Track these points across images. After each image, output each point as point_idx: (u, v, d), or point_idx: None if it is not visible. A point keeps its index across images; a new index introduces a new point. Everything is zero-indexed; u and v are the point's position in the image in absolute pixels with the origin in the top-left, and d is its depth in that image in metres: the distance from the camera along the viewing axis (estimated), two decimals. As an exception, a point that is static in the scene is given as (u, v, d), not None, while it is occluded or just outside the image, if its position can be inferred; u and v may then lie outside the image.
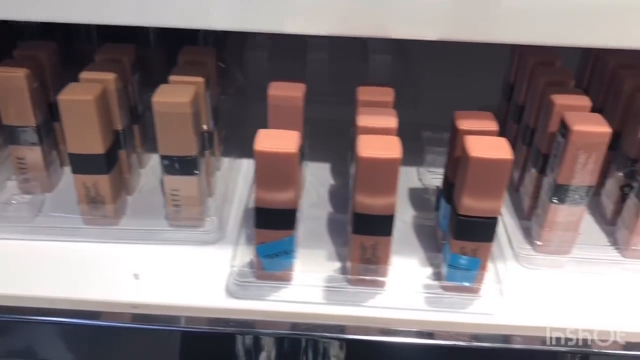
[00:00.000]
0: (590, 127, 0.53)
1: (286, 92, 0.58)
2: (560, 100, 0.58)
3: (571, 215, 0.58)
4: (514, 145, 0.69)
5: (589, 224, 0.65)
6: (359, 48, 0.89)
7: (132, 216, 0.63)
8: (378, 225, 0.52)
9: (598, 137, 0.53)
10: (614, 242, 0.62)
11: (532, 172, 0.63)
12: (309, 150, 0.71)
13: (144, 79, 0.66)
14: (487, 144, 0.49)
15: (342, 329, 0.55)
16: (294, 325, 0.54)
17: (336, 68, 0.88)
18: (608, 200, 0.65)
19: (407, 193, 0.70)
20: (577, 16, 0.47)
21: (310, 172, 0.73)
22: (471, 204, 0.50)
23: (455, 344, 0.53)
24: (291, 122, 0.58)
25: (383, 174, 0.49)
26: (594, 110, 0.64)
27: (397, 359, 0.55)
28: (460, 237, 0.52)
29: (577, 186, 0.55)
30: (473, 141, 0.50)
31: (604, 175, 0.66)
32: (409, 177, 0.72)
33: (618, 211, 0.62)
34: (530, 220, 0.63)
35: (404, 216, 0.66)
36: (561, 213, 0.57)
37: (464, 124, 0.54)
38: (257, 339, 0.54)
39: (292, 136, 0.49)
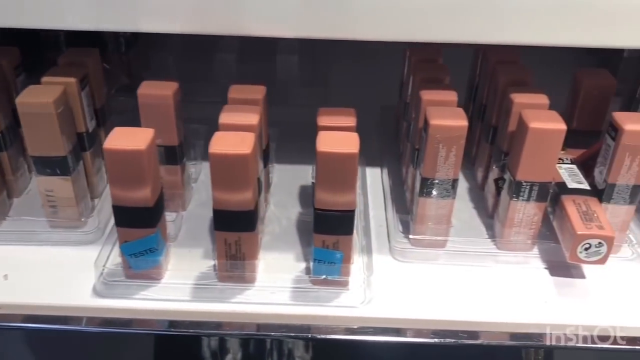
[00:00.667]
0: (448, 121, 0.54)
1: (156, 91, 0.58)
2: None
3: (440, 209, 0.59)
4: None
5: (474, 217, 0.67)
6: (270, 48, 0.90)
7: (16, 217, 0.63)
8: (241, 222, 0.53)
9: (456, 130, 0.54)
10: (492, 235, 0.63)
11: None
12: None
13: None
14: (337, 139, 0.50)
15: (214, 325, 0.55)
16: (171, 323, 0.55)
17: (244, 68, 0.88)
18: (488, 193, 0.66)
19: (298, 190, 0.71)
20: (429, 14, 0.49)
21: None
22: (325, 197, 0.51)
23: (317, 337, 0.54)
24: (163, 121, 0.59)
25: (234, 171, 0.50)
26: (480, 107, 0.66)
27: (264, 353, 0.56)
28: (319, 230, 0.53)
29: (441, 180, 0.57)
30: (324, 137, 0.50)
31: (487, 169, 0.68)
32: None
33: (496, 204, 0.64)
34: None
35: (290, 213, 0.66)
36: (429, 206, 0.59)
37: (323, 120, 0.55)
38: (124, 338, 0.55)
39: (146, 133, 0.50)
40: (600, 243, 0.54)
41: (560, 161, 0.63)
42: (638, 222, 0.65)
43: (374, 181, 0.72)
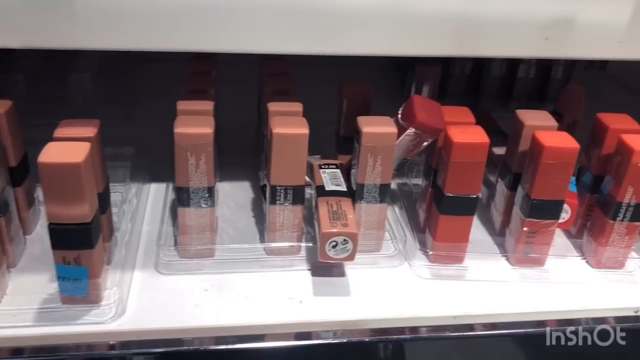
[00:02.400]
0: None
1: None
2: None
3: (201, 217, 0.59)
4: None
5: (251, 226, 0.68)
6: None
7: None
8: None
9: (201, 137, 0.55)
10: (263, 241, 0.65)
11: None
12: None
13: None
14: (64, 150, 0.49)
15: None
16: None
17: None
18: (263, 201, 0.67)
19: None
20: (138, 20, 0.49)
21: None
22: (55, 211, 0.49)
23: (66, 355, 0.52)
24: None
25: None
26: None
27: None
28: (56, 246, 0.51)
29: (195, 188, 0.57)
30: (50, 148, 0.49)
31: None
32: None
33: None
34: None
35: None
36: (189, 216, 0.59)
37: (61, 132, 0.54)
38: None
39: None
40: (345, 240, 0.57)
41: (326, 166, 0.66)
42: (403, 219, 0.69)
43: (157, 196, 0.71)
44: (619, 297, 0.61)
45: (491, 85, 1.00)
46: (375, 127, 0.58)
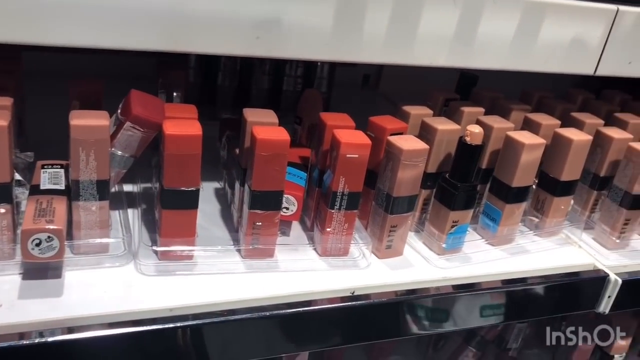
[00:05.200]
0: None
1: None
2: None
3: None
4: None
5: None
6: None
7: None
8: None
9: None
10: None
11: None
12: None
13: None
14: None
15: None
16: None
17: None
18: None
19: None
20: None
21: None
22: None
23: None
24: None
25: None
26: None
27: None
28: None
29: None
30: None
31: None
32: None
33: None
34: None
35: None
36: None
37: None
38: None
39: None
40: (50, 237, 0.54)
41: (49, 166, 0.63)
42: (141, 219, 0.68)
43: None
44: (338, 280, 0.65)
45: (226, 94, 1.03)
46: (85, 120, 0.57)
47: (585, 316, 0.95)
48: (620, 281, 0.76)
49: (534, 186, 0.80)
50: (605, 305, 0.78)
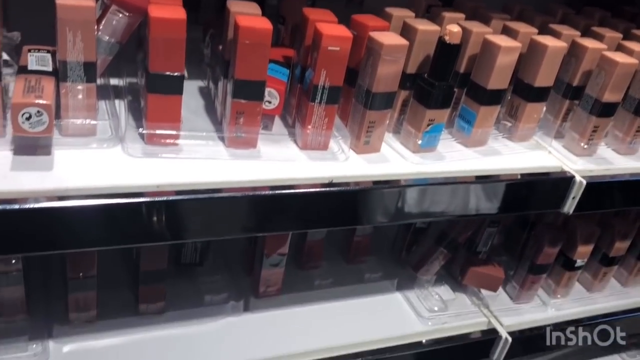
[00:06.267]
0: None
1: None
2: None
3: None
4: None
5: None
6: None
7: None
8: None
9: None
10: None
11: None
12: None
13: None
14: None
15: None
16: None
17: None
18: None
19: None
20: None
21: None
22: None
23: None
24: None
25: None
26: None
27: None
28: None
29: None
30: None
31: None
32: None
33: None
34: None
35: None
36: None
37: None
38: None
39: None
40: (39, 112, 0.56)
41: (36, 50, 0.64)
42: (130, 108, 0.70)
43: None
44: (317, 170, 0.68)
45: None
46: (71, 0, 0.57)
47: (551, 225, 1.00)
48: (584, 182, 0.80)
49: (509, 96, 0.83)
50: (569, 206, 0.82)
